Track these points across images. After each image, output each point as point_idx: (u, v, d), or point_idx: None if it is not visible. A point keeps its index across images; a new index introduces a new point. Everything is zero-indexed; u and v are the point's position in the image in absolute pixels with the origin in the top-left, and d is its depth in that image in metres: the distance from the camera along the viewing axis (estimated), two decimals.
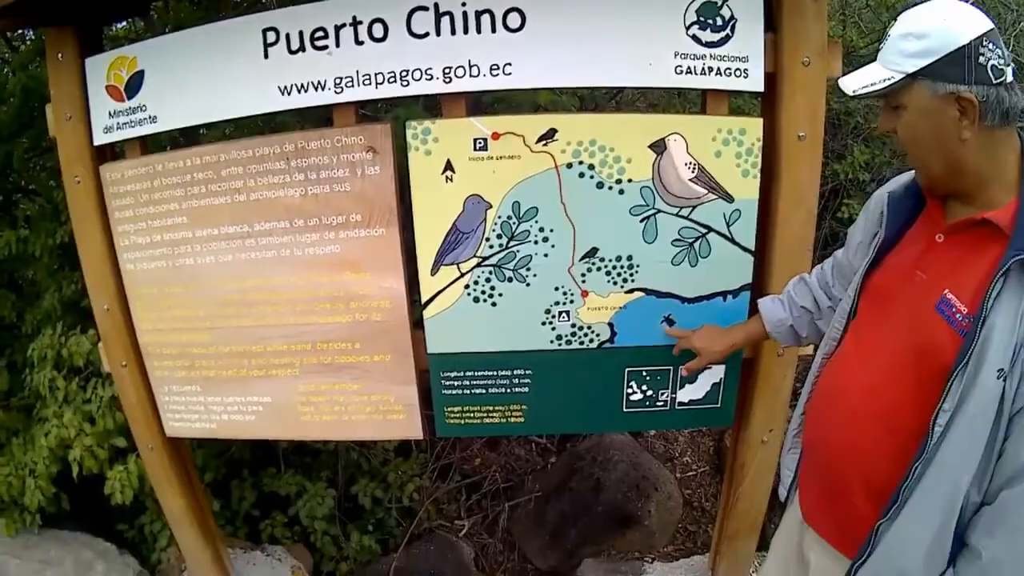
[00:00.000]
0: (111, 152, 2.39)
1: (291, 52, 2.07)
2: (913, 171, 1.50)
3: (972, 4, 1.59)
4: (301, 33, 2.05)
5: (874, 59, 1.39)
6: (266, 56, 2.09)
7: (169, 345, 2.39)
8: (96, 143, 2.32)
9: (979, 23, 1.27)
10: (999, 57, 1.26)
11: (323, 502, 3.41)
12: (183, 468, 2.64)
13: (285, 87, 2.08)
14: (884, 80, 1.32)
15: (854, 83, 1.38)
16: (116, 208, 2.32)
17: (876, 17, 4.73)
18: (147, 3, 2.83)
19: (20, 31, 3.50)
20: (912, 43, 1.28)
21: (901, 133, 1.38)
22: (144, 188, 2.27)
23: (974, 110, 1.26)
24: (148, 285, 2.34)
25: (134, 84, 2.23)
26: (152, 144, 2.39)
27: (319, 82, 2.06)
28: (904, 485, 1.34)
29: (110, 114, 2.27)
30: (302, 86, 2.07)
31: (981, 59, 1.25)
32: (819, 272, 1.87)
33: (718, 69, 2.03)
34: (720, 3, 2.00)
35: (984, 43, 1.25)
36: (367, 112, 2.31)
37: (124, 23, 3.56)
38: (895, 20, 1.37)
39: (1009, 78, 1.27)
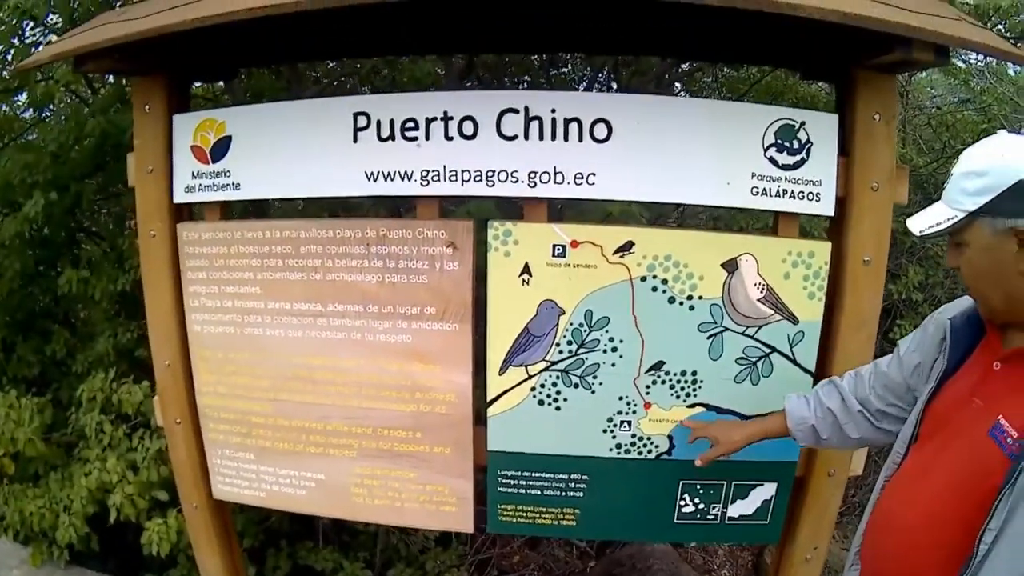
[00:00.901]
0: (187, 211, 2.43)
1: (380, 139, 2.12)
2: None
3: None
4: (392, 122, 2.10)
5: (933, 178, 1.44)
6: (355, 140, 2.14)
7: (227, 410, 2.41)
8: (176, 200, 2.35)
9: None
10: None
11: None
12: (224, 530, 2.64)
13: (372, 173, 2.13)
14: (948, 219, 1.37)
15: (921, 224, 1.43)
16: (189, 268, 2.36)
17: (936, 136, 4.78)
18: (236, 68, 2.92)
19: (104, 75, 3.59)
20: (973, 181, 1.33)
21: (964, 269, 1.43)
22: (220, 253, 2.31)
23: None
24: (213, 348, 2.38)
25: (220, 148, 2.28)
26: (228, 210, 2.43)
27: (406, 172, 2.11)
28: None
29: (193, 174, 2.31)
30: (389, 174, 2.12)
31: None
32: (852, 378, 1.86)
33: (792, 192, 2.07)
34: (797, 126, 2.05)
35: None
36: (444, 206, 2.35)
37: (199, 84, 3.66)
38: (955, 142, 1.41)
39: None
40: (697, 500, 2.27)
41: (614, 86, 4.10)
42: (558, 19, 2.28)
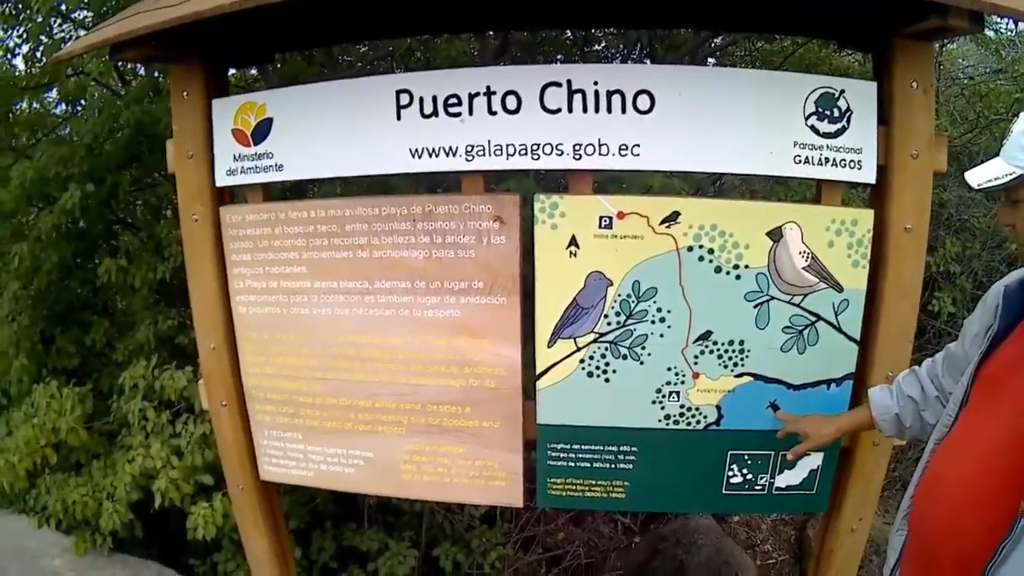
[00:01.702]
0: (229, 194, 2.46)
1: (424, 116, 2.13)
2: None
3: None
4: (435, 98, 2.12)
5: (967, 149, 1.45)
6: (399, 118, 2.15)
7: (274, 390, 2.43)
8: (217, 184, 2.38)
9: None
10: None
11: (404, 561, 3.40)
12: (271, 511, 2.66)
13: (416, 150, 2.14)
14: (1008, 175, 1.38)
15: (978, 177, 1.44)
16: (233, 251, 2.38)
17: (970, 106, 4.75)
18: (272, 52, 2.93)
19: (132, 65, 3.62)
20: None
21: (1019, 224, 1.44)
22: (264, 234, 2.33)
23: None
24: (259, 330, 2.40)
25: (262, 130, 2.29)
26: (271, 191, 2.45)
27: (451, 148, 2.12)
28: (991, 563, 1.36)
29: (235, 157, 2.33)
30: (433, 151, 2.13)
31: None
32: (929, 364, 1.89)
33: (834, 160, 2.08)
34: (837, 94, 2.05)
35: None
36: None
37: (233, 71, 3.68)
38: (988, 112, 1.42)
39: None
40: (745, 470, 2.27)
41: (648, 62, 4.11)
42: None
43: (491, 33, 3.39)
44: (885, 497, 3.72)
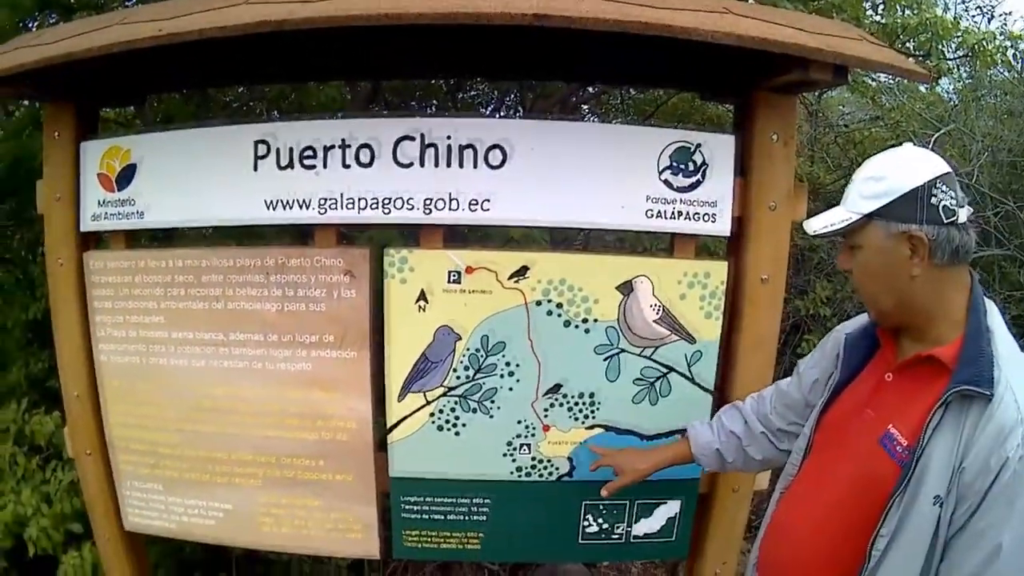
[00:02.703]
0: (95, 240, 2.41)
1: (280, 167, 2.13)
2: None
3: (935, 141, 1.71)
4: (291, 150, 2.12)
5: (840, 195, 1.49)
6: (255, 168, 2.15)
7: (136, 440, 2.39)
8: (82, 229, 2.34)
9: (936, 167, 1.37)
10: (951, 199, 1.35)
11: None
12: (138, 562, 2.60)
13: (271, 201, 2.14)
14: (843, 221, 1.42)
15: (816, 224, 1.48)
16: (96, 297, 2.34)
17: (844, 153, 4.90)
18: (143, 95, 2.90)
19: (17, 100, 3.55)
20: (871, 185, 1.39)
21: (856, 271, 1.48)
22: (125, 282, 2.29)
23: (924, 248, 1.35)
24: (120, 378, 2.36)
25: (126, 176, 2.27)
26: (134, 238, 2.41)
27: (304, 200, 2.12)
28: None
29: (99, 203, 2.30)
30: (288, 203, 2.13)
31: (933, 200, 1.34)
32: (754, 400, 1.93)
33: (687, 213, 2.11)
34: (693, 148, 2.09)
35: (937, 185, 1.35)
36: (345, 231, 2.36)
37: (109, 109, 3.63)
38: (862, 159, 1.46)
39: (962, 218, 1.36)
40: (601, 520, 2.29)
41: (520, 109, 4.15)
42: (461, 47, 2.30)
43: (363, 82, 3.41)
44: (754, 537, 3.76)
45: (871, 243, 1.41)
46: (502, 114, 4.38)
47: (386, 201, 2.08)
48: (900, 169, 1.38)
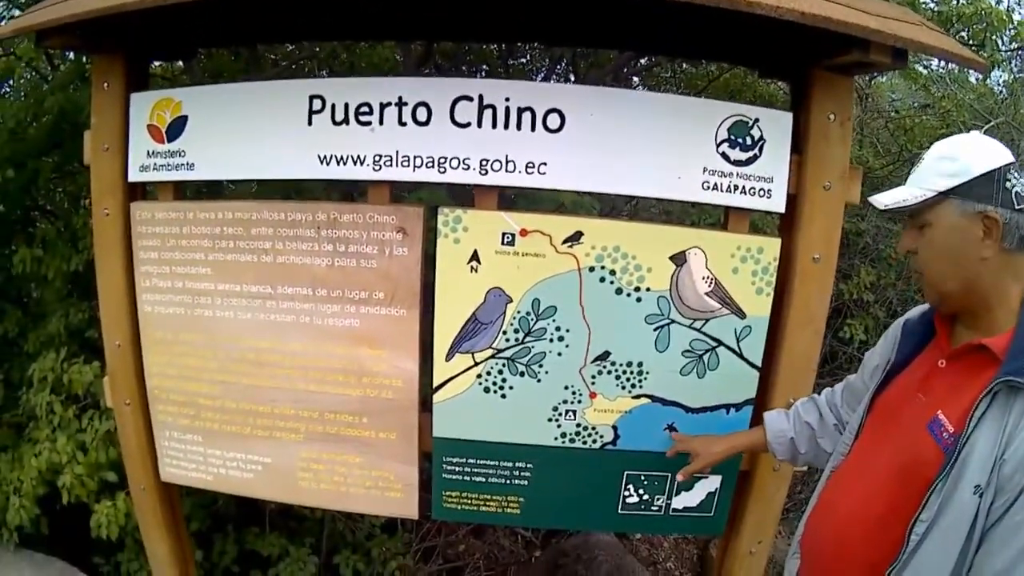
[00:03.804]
0: (141, 190, 2.42)
1: (335, 123, 2.12)
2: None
3: (984, 133, 1.68)
4: (347, 106, 2.10)
5: (889, 180, 1.47)
6: (310, 123, 2.13)
7: (176, 391, 2.40)
8: (130, 179, 2.34)
9: (1006, 154, 1.37)
10: (1023, 186, 1.35)
11: (304, 567, 3.37)
12: (171, 513, 2.62)
13: (325, 156, 2.13)
14: (916, 198, 1.40)
15: (886, 199, 1.46)
16: (141, 248, 2.34)
17: (893, 139, 4.82)
18: (195, 48, 2.89)
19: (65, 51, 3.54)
20: (946, 164, 1.38)
21: (923, 250, 1.45)
22: (172, 233, 2.30)
23: (997, 230, 1.34)
24: (163, 329, 2.36)
25: (176, 128, 2.26)
26: (181, 190, 2.41)
27: (358, 157, 2.11)
28: None
29: (148, 153, 2.30)
30: (342, 158, 2.12)
31: (1008, 184, 1.34)
32: (829, 393, 1.93)
33: (743, 188, 2.09)
34: (751, 123, 2.07)
35: (1011, 170, 1.35)
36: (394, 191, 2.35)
37: (158, 64, 3.62)
38: (912, 146, 1.44)
39: None
40: (641, 491, 2.28)
41: (572, 78, 4.12)
42: (517, 9, 2.28)
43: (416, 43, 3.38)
44: (790, 519, 3.76)
45: (943, 221, 1.39)
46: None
47: (442, 160, 2.07)
48: (976, 152, 1.37)
